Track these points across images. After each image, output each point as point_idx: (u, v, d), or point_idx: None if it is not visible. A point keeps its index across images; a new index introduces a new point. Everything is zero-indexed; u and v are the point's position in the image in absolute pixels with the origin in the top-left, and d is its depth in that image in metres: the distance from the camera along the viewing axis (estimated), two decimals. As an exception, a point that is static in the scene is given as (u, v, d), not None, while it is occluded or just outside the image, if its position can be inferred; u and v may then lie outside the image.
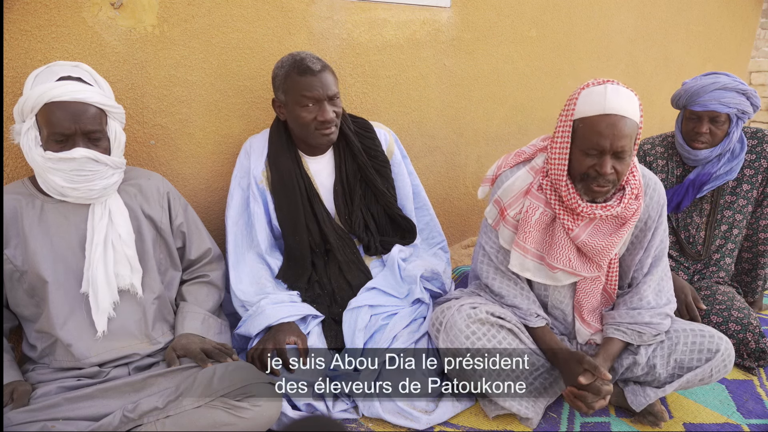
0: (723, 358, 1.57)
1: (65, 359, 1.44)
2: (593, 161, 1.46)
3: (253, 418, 1.38)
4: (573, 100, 1.50)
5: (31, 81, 1.39)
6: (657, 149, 2.22)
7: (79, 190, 1.40)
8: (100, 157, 1.40)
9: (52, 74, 1.40)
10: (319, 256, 1.94)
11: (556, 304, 1.75)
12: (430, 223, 2.15)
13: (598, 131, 1.43)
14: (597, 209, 1.53)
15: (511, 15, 2.74)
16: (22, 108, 1.36)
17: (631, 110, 1.44)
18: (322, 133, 1.80)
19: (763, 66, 5.29)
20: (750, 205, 2.14)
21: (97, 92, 1.41)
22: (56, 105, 1.34)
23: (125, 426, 1.33)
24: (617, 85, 1.45)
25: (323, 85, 1.74)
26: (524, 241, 1.62)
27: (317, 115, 1.76)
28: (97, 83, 1.46)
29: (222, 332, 1.68)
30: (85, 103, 1.37)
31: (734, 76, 1.99)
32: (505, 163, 1.72)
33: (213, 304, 1.71)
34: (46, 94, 1.33)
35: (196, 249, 1.72)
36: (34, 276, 1.41)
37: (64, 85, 1.36)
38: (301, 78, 1.73)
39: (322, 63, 1.77)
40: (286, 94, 1.77)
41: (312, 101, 1.75)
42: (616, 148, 1.43)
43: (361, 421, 1.66)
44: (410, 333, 1.79)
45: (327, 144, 1.86)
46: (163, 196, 1.63)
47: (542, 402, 1.67)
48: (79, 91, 1.36)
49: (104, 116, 1.43)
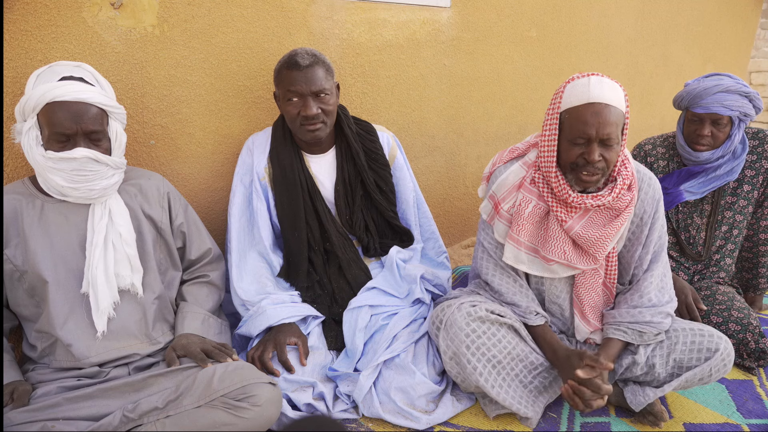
0: (722, 358, 1.57)
1: (65, 359, 1.44)
2: (581, 150, 1.50)
3: (253, 418, 1.38)
4: (559, 93, 1.54)
5: (33, 80, 1.39)
6: (658, 150, 2.22)
7: (79, 190, 1.40)
8: (100, 158, 1.40)
9: (54, 74, 1.39)
10: (318, 255, 1.94)
11: (553, 299, 1.75)
12: (435, 234, 2.14)
13: (584, 120, 1.47)
14: (588, 199, 1.55)
15: (511, 15, 2.74)
16: (23, 107, 1.36)
17: (616, 99, 1.48)
18: (306, 129, 1.80)
19: (763, 66, 5.29)
20: (750, 205, 2.14)
21: (99, 92, 1.41)
22: (58, 105, 1.34)
23: (125, 426, 1.33)
24: (601, 77, 1.50)
25: (307, 80, 1.74)
26: (518, 233, 1.64)
27: (300, 109, 1.77)
28: (99, 83, 1.46)
29: (222, 332, 1.68)
30: (86, 104, 1.37)
31: (737, 77, 1.99)
32: (500, 159, 1.76)
33: (213, 304, 1.71)
34: (48, 93, 1.33)
35: (196, 249, 1.72)
36: (34, 276, 1.41)
37: (66, 85, 1.36)
38: (288, 72, 1.74)
39: (314, 59, 1.76)
40: (277, 87, 1.81)
41: (296, 95, 1.75)
42: (602, 136, 1.46)
43: (361, 421, 1.66)
44: (410, 333, 1.79)
45: (312, 140, 1.85)
46: (164, 197, 1.63)
47: (541, 401, 1.67)
48: (81, 92, 1.37)
49: (105, 116, 1.44)
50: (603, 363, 1.46)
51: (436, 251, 2.12)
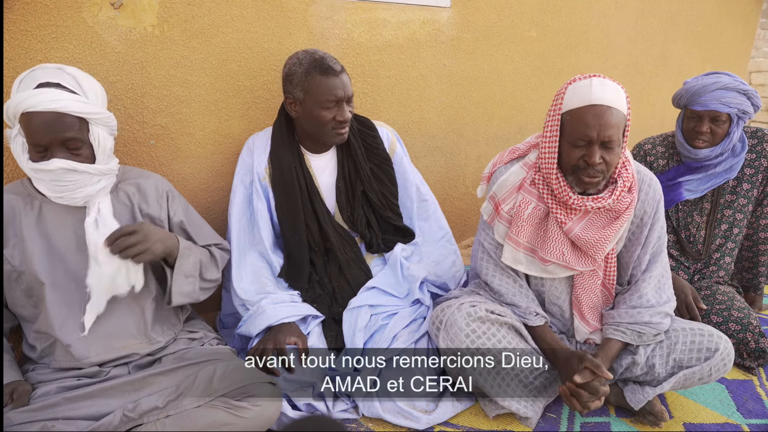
0: (722, 357, 1.57)
1: (65, 359, 1.44)
2: (582, 152, 1.49)
3: (253, 417, 1.38)
4: (560, 94, 1.53)
5: (16, 86, 1.35)
6: (658, 149, 2.22)
7: (63, 198, 1.39)
8: (78, 167, 1.35)
9: (33, 80, 1.34)
10: (319, 255, 1.94)
11: (553, 299, 1.75)
12: (434, 215, 2.13)
13: (585, 122, 1.46)
14: (588, 201, 1.54)
15: (511, 15, 2.74)
16: (7, 114, 1.33)
17: (617, 101, 1.47)
18: (338, 132, 1.82)
19: (763, 66, 5.29)
20: (750, 204, 2.14)
21: (75, 100, 1.34)
22: (33, 114, 1.30)
23: (125, 425, 1.33)
24: (603, 79, 1.49)
25: (344, 86, 1.76)
26: (517, 234, 1.64)
27: (336, 114, 1.77)
28: (80, 87, 1.39)
29: (190, 257, 1.56)
30: (60, 113, 1.31)
31: (736, 76, 1.99)
32: (500, 160, 1.75)
33: (206, 257, 1.63)
34: (23, 103, 1.29)
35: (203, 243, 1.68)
36: (31, 277, 1.41)
37: (40, 94, 1.30)
38: (324, 78, 1.73)
39: (341, 64, 1.79)
40: (306, 92, 1.76)
41: (333, 101, 1.76)
42: (603, 138, 1.45)
43: (361, 421, 1.66)
44: (410, 333, 1.79)
45: (341, 142, 1.89)
46: (162, 195, 1.62)
47: (541, 401, 1.67)
48: (54, 101, 1.30)
49: (85, 123, 1.38)
50: (603, 370, 1.46)
51: (438, 234, 2.10)
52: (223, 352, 1.57)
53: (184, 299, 1.55)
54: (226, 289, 1.96)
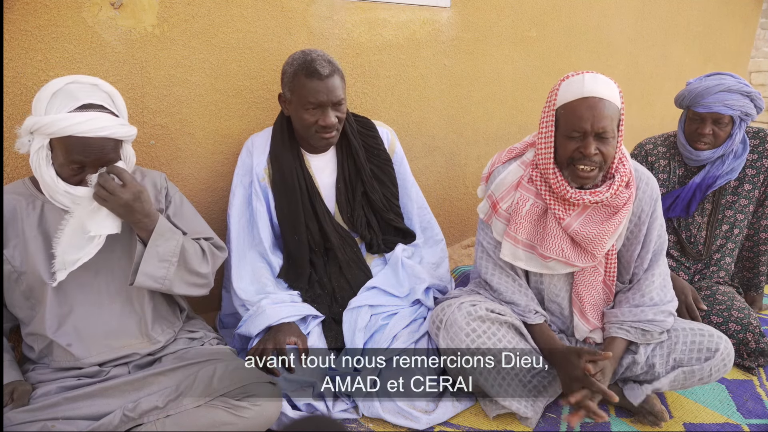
0: (722, 358, 1.57)
1: (64, 359, 1.44)
2: (577, 144, 1.51)
3: (253, 417, 1.38)
4: (554, 91, 1.57)
5: (47, 101, 1.31)
6: (659, 149, 2.22)
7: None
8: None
9: (71, 98, 1.33)
10: (319, 256, 1.94)
11: (552, 297, 1.75)
12: (431, 222, 2.15)
13: (579, 114, 1.48)
14: (586, 195, 1.55)
15: (511, 15, 2.75)
16: (37, 128, 1.30)
17: (610, 94, 1.49)
18: (321, 136, 1.80)
19: (763, 66, 5.29)
20: (751, 204, 2.14)
21: (120, 125, 1.37)
22: (78, 138, 1.31)
23: (125, 425, 1.33)
24: (595, 74, 1.52)
25: (328, 91, 1.73)
26: (515, 231, 1.65)
27: (319, 119, 1.76)
28: (115, 106, 1.42)
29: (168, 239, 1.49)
30: (107, 138, 1.35)
31: (739, 77, 1.99)
32: (498, 159, 1.77)
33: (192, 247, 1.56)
34: (70, 128, 1.29)
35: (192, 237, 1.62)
36: (33, 277, 1.40)
37: (89, 121, 1.31)
38: (308, 81, 1.72)
39: (332, 66, 1.75)
40: (292, 93, 1.77)
41: (315, 106, 1.74)
42: (597, 129, 1.47)
43: (361, 421, 1.66)
44: (410, 333, 1.79)
45: (326, 147, 1.88)
46: (161, 191, 1.62)
47: (541, 401, 1.67)
48: (103, 128, 1.33)
49: (119, 143, 1.41)
50: (602, 353, 1.48)
51: (436, 239, 2.12)
52: (223, 351, 1.57)
53: (151, 283, 1.44)
54: (226, 289, 1.96)
